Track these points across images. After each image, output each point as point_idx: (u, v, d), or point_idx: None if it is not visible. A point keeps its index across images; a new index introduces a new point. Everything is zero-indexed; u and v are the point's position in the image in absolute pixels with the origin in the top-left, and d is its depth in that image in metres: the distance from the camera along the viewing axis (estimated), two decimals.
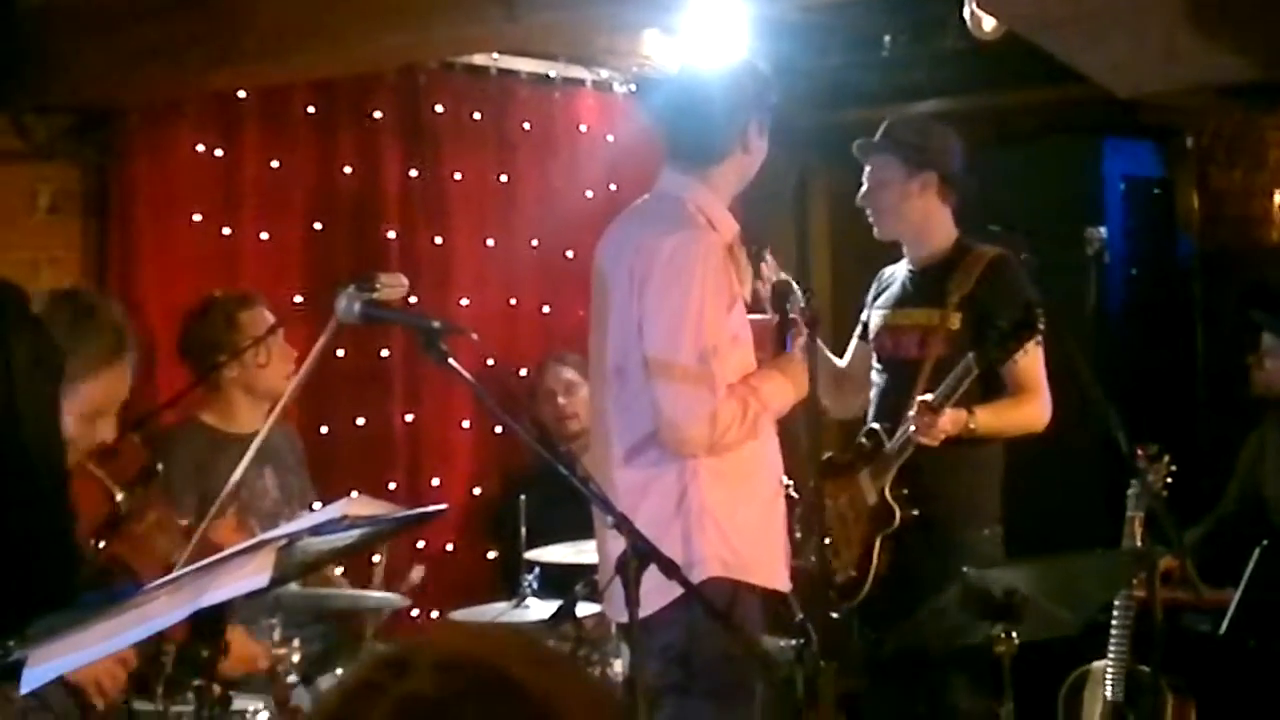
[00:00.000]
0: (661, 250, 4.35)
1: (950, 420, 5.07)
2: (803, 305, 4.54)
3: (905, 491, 5.14)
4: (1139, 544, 5.29)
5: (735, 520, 4.41)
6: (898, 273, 5.53)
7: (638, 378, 4.38)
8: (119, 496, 4.06)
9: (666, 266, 4.33)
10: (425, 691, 1.32)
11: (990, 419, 5.15)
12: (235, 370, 5.30)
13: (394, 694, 1.32)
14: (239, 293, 5.50)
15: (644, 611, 3.93)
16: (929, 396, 5.04)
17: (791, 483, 4.79)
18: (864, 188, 5.38)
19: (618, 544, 3.69)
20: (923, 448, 5.09)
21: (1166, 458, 5.33)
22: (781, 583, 4.55)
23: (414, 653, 1.37)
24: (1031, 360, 5.22)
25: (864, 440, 5.21)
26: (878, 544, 5.14)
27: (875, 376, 5.42)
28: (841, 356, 5.58)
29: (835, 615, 4.83)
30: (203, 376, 5.23)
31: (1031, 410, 5.26)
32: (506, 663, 1.36)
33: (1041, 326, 4.93)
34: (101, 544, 3.98)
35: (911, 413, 5.06)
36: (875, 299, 5.53)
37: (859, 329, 5.56)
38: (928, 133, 5.41)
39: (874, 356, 5.46)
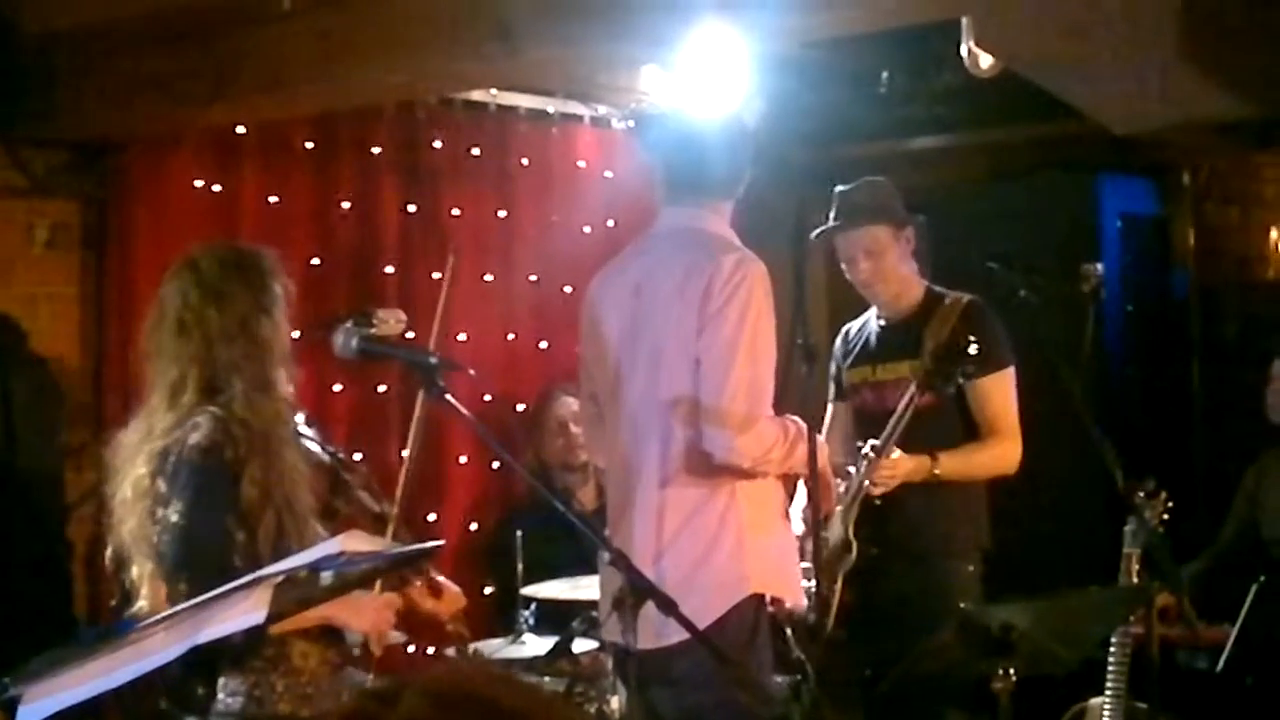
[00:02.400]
0: (723, 267, 4.45)
1: (912, 467, 5.13)
2: (800, 342, 4.57)
3: (867, 532, 5.19)
4: (1136, 580, 5.28)
5: (770, 542, 4.56)
6: (866, 328, 5.58)
7: (694, 405, 4.43)
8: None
9: (728, 283, 4.43)
10: (419, 717, 1.31)
11: (955, 464, 5.22)
12: None
13: None
14: None
15: (667, 640, 4.02)
16: (875, 441, 5.10)
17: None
18: (858, 263, 5.41)
19: (615, 575, 3.73)
20: (905, 487, 5.14)
21: (1163, 494, 5.32)
22: (801, 601, 4.73)
23: (404, 685, 1.36)
24: (1001, 403, 5.29)
25: (838, 481, 5.25)
26: (839, 582, 5.18)
27: (855, 431, 5.46)
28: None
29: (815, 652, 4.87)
30: None
31: (1001, 452, 5.31)
32: (498, 694, 1.35)
33: (972, 354, 4.99)
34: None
35: (863, 457, 5.12)
36: (847, 358, 5.56)
37: (831, 390, 5.59)
38: (888, 191, 5.48)
39: (852, 412, 5.51)
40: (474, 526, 6.85)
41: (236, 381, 3.90)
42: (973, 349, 5.03)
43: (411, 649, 5.96)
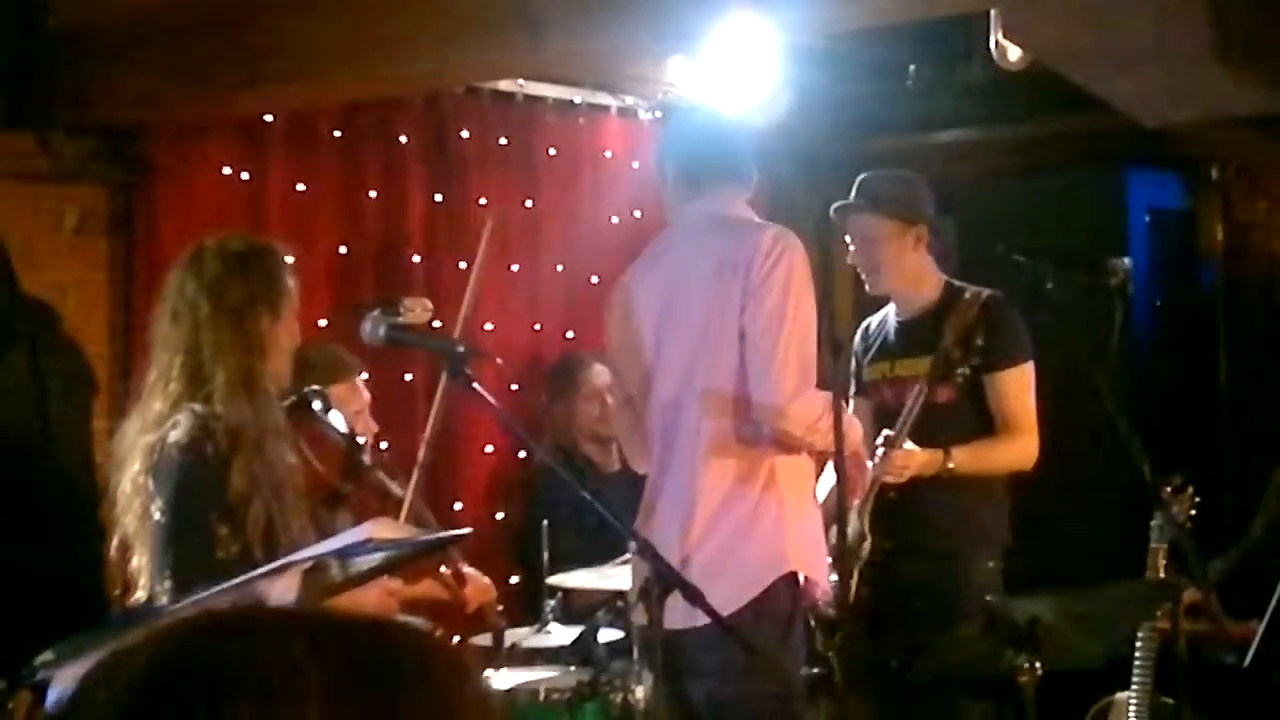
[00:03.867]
0: (761, 242, 4.53)
1: (925, 460, 5.12)
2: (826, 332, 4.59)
3: (884, 525, 5.19)
4: (1163, 575, 5.27)
5: (805, 523, 4.63)
6: (886, 324, 5.58)
7: (732, 388, 4.46)
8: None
9: (768, 256, 4.51)
10: (246, 660, 1.26)
11: (969, 459, 5.21)
12: None
13: (213, 666, 1.27)
14: (332, 359, 5.40)
15: (691, 622, 4.05)
16: (889, 432, 5.10)
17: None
18: (853, 248, 5.42)
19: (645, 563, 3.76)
20: (922, 481, 5.14)
21: (1190, 489, 5.31)
22: (828, 586, 4.76)
23: (228, 625, 1.32)
24: (1017, 396, 5.29)
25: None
26: (855, 575, 5.18)
27: (874, 427, 5.46)
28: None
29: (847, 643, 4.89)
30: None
31: (1017, 448, 5.31)
32: (330, 636, 1.32)
33: (979, 345, 5.00)
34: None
35: (879, 449, 5.11)
36: (866, 354, 5.56)
37: (853, 387, 5.58)
38: (910, 184, 5.48)
39: (872, 409, 5.51)
40: (500, 515, 6.85)
41: (220, 373, 3.90)
42: (980, 340, 5.04)
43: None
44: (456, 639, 6.10)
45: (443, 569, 4.33)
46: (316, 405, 4.21)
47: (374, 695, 1.28)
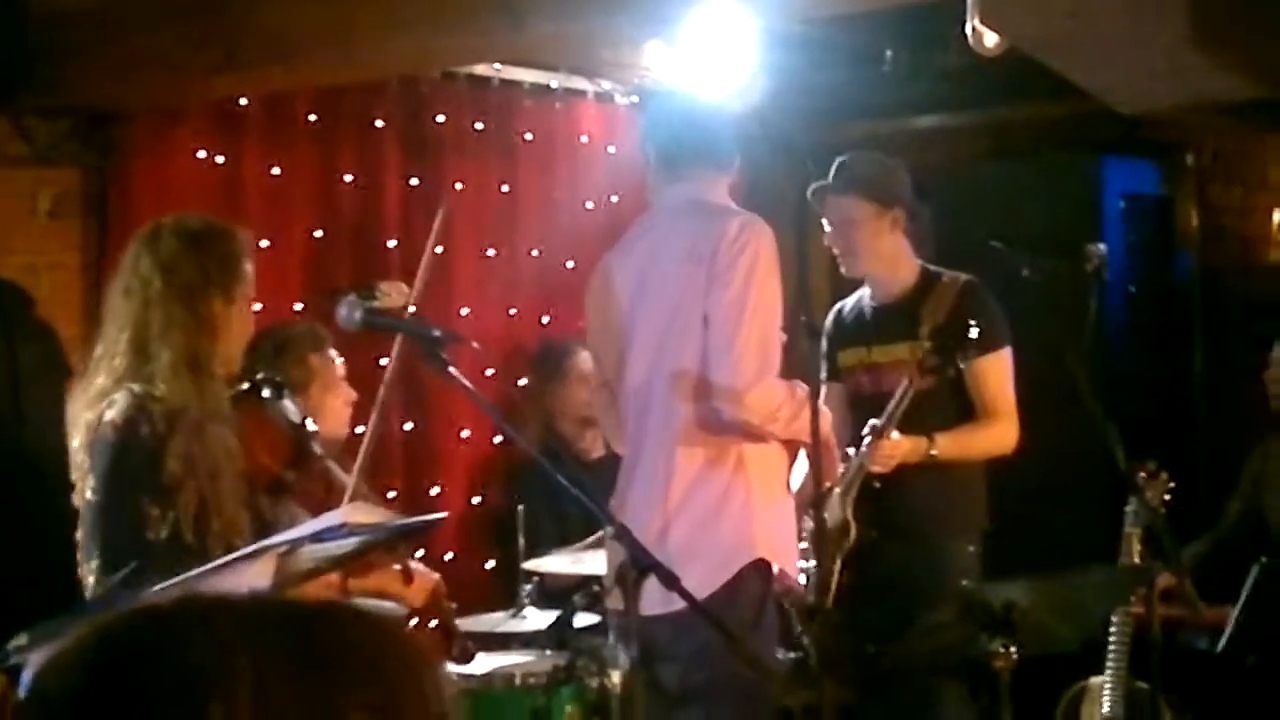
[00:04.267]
0: (729, 228, 4.53)
1: (909, 448, 5.14)
2: (804, 319, 4.59)
3: (868, 513, 5.20)
4: (1137, 560, 5.29)
5: (774, 510, 4.61)
6: (860, 309, 5.58)
7: (697, 367, 4.46)
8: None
9: (734, 243, 4.50)
10: (189, 644, 1.26)
11: (952, 445, 5.23)
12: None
13: (158, 651, 1.27)
14: (311, 330, 5.42)
15: (669, 607, 4.05)
16: (875, 421, 5.10)
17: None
18: (829, 229, 5.43)
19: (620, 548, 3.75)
20: (903, 468, 5.15)
21: (1165, 474, 5.34)
22: (796, 575, 4.77)
23: (174, 613, 1.31)
24: (997, 384, 5.30)
25: (841, 463, 5.24)
26: (838, 563, 5.18)
27: (849, 414, 5.46)
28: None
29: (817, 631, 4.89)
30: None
31: (997, 433, 5.33)
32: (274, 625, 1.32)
33: (973, 338, 5.00)
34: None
35: (865, 438, 5.12)
36: (840, 339, 5.55)
37: (825, 370, 5.55)
38: (888, 168, 5.49)
39: (846, 394, 5.51)
40: (476, 500, 6.85)
41: (165, 352, 3.87)
42: (974, 332, 5.04)
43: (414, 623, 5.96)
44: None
45: (395, 566, 4.31)
46: (266, 392, 4.18)
47: (309, 680, 1.27)
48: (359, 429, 6.22)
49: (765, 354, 4.45)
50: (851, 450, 5.23)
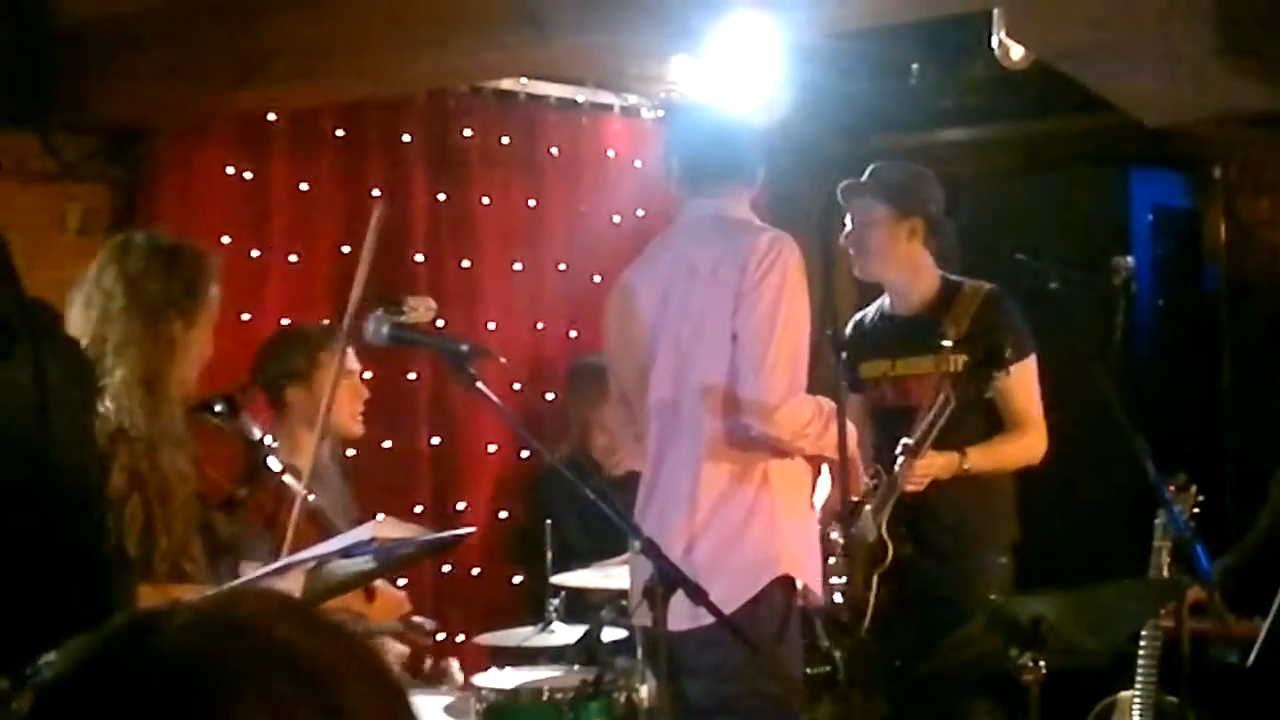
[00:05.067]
0: (758, 245, 4.51)
1: (942, 464, 5.12)
2: (829, 331, 4.59)
3: (903, 530, 5.18)
4: (1166, 574, 5.27)
5: (800, 527, 4.61)
6: (882, 320, 5.56)
7: (726, 387, 4.46)
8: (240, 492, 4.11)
9: (763, 260, 4.49)
10: (186, 644, 1.26)
11: (984, 458, 5.22)
12: (305, 405, 5.19)
13: (146, 648, 1.26)
14: (321, 329, 5.45)
15: (696, 623, 4.05)
16: (909, 440, 5.08)
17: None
18: (848, 228, 5.42)
19: (645, 563, 3.75)
20: (935, 483, 5.13)
21: (1194, 487, 5.31)
22: (820, 591, 4.71)
23: (174, 609, 1.30)
24: (1024, 394, 5.28)
25: (868, 479, 5.23)
26: (875, 580, 5.16)
27: (871, 425, 5.45)
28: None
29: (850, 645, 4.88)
30: (275, 401, 5.22)
31: (1027, 443, 5.32)
32: (272, 625, 1.30)
33: (1009, 358, 4.98)
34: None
35: (899, 457, 5.11)
36: (861, 350, 5.51)
37: (846, 382, 5.52)
38: (917, 177, 5.48)
39: (869, 406, 5.49)
40: (503, 515, 6.85)
41: (120, 368, 3.86)
42: (1008, 354, 5.02)
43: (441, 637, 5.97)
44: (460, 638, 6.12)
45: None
46: (219, 408, 4.17)
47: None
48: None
49: (794, 371, 4.45)
50: (878, 465, 5.22)
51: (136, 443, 3.76)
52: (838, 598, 4.91)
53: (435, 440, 6.57)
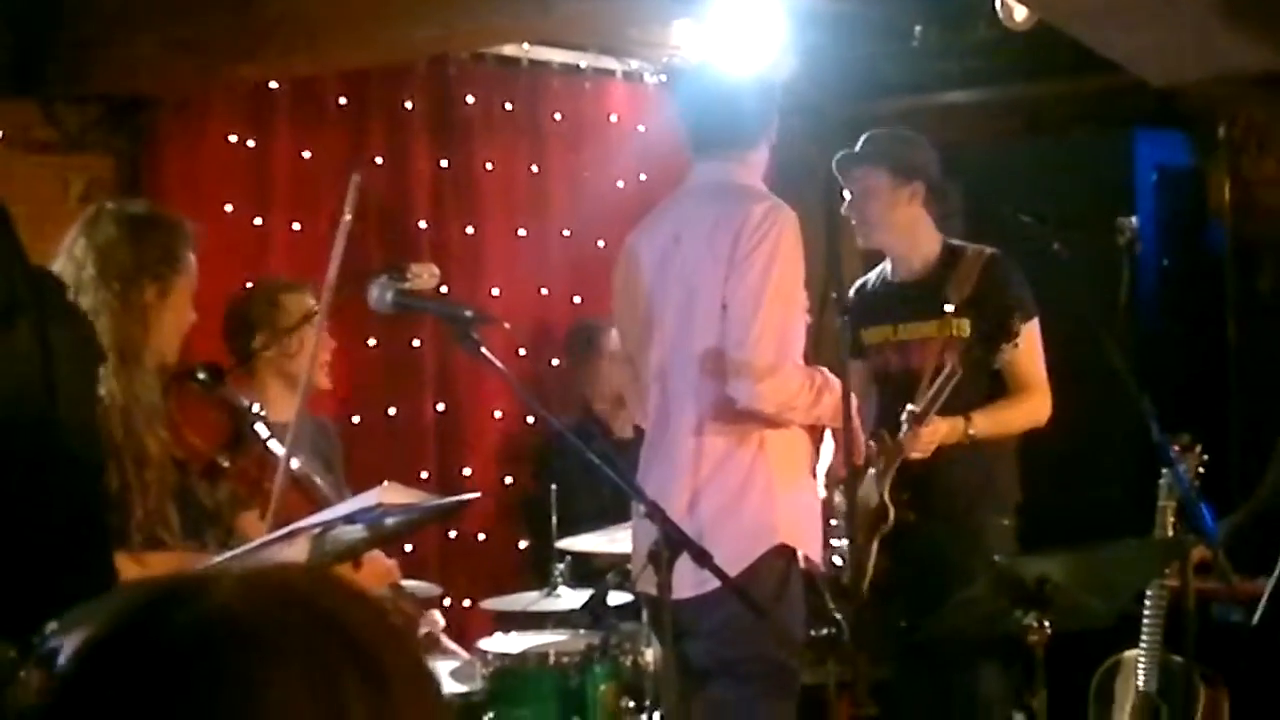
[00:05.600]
0: (752, 215, 4.48)
1: (947, 430, 5.12)
2: (835, 295, 4.58)
3: (906, 496, 5.18)
4: (1171, 534, 5.28)
5: (797, 495, 4.57)
6: (884, 285, 5.56)
7: (717, 352, 4.45)
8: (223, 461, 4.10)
9: (756, 230, 4.45)
10: (232, 606, 1.26)
11: (989, 423, 5.22)
12: (272, 354, 5.19)
13: (196, 608, 1.26)
14: (288, 278, 5.49)
15: (699, 590, 4.04)
16: (914, 407, 5.08)
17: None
18: (849, 198, 5.41)
19: (649, 527, 3.75)
20: (939, 447, 5.14)
21: (1199, 447, 5.31)
22: (823, 562, 4.72)
23: (220, 574, 1.30)
24: (1028, 357, 5.28)
25: (871, 444, 5.23)
26: (875, 545, 5.17)
27: (873, 391, 5.45)
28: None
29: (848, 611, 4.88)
30: (239, 360, 5.19)
31: (1031, 407, 5.33)
32: (317, 592, 1.31)
33: (1017, 327, 4.98)
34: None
35: (904, 423, 5.11)
36: (863, 315, 5.50)
37: (849, 347, 5.52)
38: (912, 144, 5.47)
39: (871, 372, 5.49)
40: (509, 480, 6.87)
41: None
42: (1014, 320, 5.02)
43: (447, 602, 5.99)
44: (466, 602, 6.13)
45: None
46: (201, 375, 4.16)
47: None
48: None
49: (782, 344, 4.42)
50: (880, 430, 5.22)
51: (110, 411, 3.74)
52: (839, 561, 4.90)
53: (440, 406, 6.58)
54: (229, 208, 5.99)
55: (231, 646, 1.24)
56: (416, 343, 6.47)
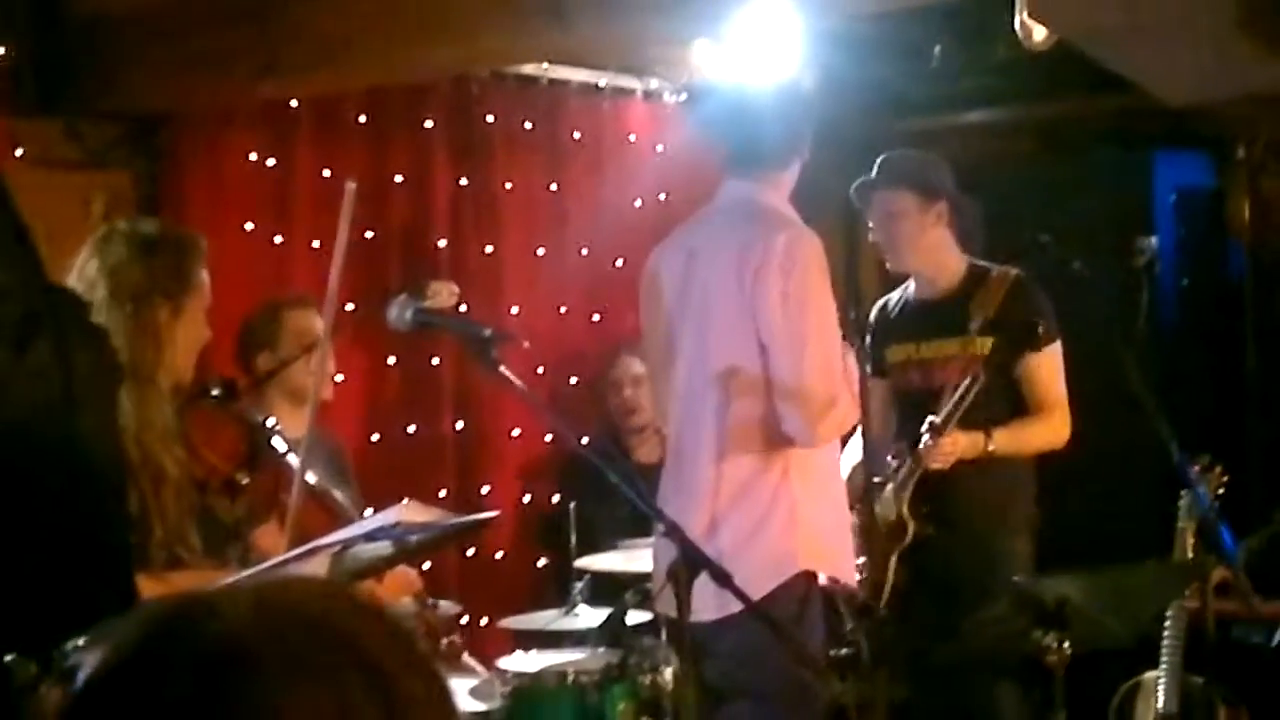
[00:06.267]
0: (774, 246, 4.45)
1: (967, 444, 5.13)
2: (853, 315, 4.59)
3: (925, 510, 5.18)
4: (1191, 555, 5.27)
5: (819, 517, 4.55)
6: (907, 304, 5.56)
7: (748, 378, 4.43)
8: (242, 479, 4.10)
9: (782, 265, 4.42)
10: (243, 628, 1.26)
11: (1009, 440, 5.23)
12: (275, 370, 5.18)
13: (208, 630, 1.26)
14: (295, 294, 5.51)
15: (721, 613, 4.03)
16: (935, 418, 5.08)
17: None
18: (874, 225, 5.41)
19: (669, 547, 3.74)
20: (957, 464, 5.14)
21: (1219, 468, 5.31)
22: (852, 578, 4.72)
23: (231, 593, 1.31)
24: (1049, 376, 5.29)
25: (891, 459, 5.23)
26: (894, 560, 5.17)
27: (896, 410, 5.46)
28: None
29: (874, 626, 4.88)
30: (251, 378, 5.19)
31: (1051, 427, 5.33)
32: (330, 610, 1.31)
33: (1039, 339, 4.99)
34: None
35: (924, 435, 5.10)
36: (886, 334, 5.51)
37: (870, 367, 5.52)
38: (930, 163, 5.49)
39: (893, 391, 5.49)
40: (527, 498, 6.87)
41: None
42: (1040, 329, 5.03)
43: (465, 620, 5.98)
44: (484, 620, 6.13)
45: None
46: (216, 392, 4.16)
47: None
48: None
49: (829, 377, 4.41)
50: (900, 445, 5.22)
51: (126, 431, 3.74)
52: (856, 577, 4.90)
53: (459, 425, 6.59)
54: (249, 226, 6.00)
55: (244, 670, 1.24)
56: (436, 361, 6.48)
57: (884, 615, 5.01)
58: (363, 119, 6.33)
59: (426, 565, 5.41)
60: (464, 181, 6.67)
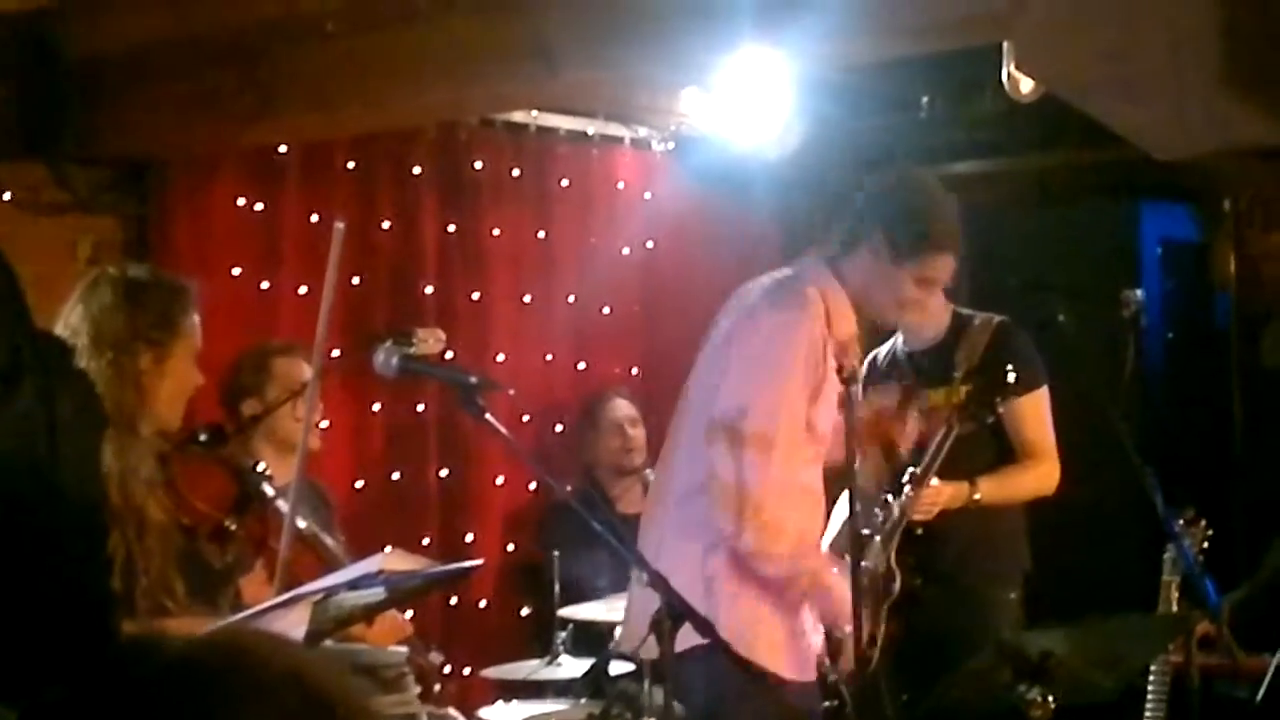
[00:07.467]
0: (760, 325, 4.42)
1: (951, 493, 5.11)
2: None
3: (911, 561, 5.17)
4: (1175, 608, 5.26)
5: (742, 600, 4.42)
6: (894, 356, 5.56)
7: (699, 435, 4.41)
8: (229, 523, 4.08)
9: (758, 341, 4.40)
10: (188, 658, 1.28)
11: (995, 488, 5.21)
12: (263, 420, 5.18)
13: (153, 661, 1.28)
14: (282, 342, 5.51)
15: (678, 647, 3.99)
16: (914, 469, 5.08)
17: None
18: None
19: (648, 596, 3.71)
20: (946, 514, 5.13)
21: (1203, 521, 5.30)
22: (783, 668, 4.52)
23: (158, 638, 1.33)
24: (1036, 424, 5.28)
25: (877, 511, 5.22)
26: (884, 612, 5.15)
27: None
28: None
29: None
30: (237, 425, 5.18)
31: (1038, 475, 5.32)
32: (271, 655, 1.32)
33: (1012, 385, 4.98)
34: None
35: (905, 487, 5.10)
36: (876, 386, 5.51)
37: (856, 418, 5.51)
38: None
39: None
40: (511, 547, 6.85)
41: None
42: (1010, 376, 5.03)
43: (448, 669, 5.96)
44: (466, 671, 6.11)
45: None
46: (204, 438, 4.15)
47: None
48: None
49: (786, 495, 4.35)
50: (889, 497, 5.21)
51: (109, 479, 3.72)
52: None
53: (444, 472, 6.58)
54: (237, 271, 6.00)
55: (192, 693, 1.26)
56: (421, 407, 6.47)
57: (873, 669, 4.99)
58: (351, 165, 6.34)
59: (409, 614, 5.38)
60: (452, 228, 6.68)
